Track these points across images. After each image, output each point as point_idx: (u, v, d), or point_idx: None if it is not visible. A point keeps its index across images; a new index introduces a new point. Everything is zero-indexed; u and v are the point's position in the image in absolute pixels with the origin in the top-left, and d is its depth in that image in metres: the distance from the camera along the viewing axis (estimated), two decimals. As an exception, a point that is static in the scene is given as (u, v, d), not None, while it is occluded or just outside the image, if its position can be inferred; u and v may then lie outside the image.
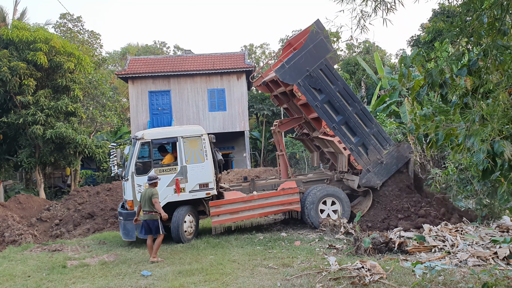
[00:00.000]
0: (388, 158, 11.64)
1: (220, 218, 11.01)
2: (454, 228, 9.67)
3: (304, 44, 11.26)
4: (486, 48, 5.77)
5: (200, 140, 11.10)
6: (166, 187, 10.67)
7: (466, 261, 7.61)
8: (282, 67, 11.16)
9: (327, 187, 11.69)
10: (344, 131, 11.53)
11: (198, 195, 11.01)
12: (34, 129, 17.92)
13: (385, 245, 8.70)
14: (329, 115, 11.46)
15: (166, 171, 10.77)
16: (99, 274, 8.38)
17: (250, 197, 11.31)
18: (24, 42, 18.36)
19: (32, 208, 15.02)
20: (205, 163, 11.05)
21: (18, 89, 18.14)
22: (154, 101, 26.10)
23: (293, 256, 8.74)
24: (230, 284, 7.21)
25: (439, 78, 5.70)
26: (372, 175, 11.49)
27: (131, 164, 10.62)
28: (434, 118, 6.79)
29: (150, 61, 27.15)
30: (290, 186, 11.54)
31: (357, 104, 11.83)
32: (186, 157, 10.92)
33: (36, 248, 11.19)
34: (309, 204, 11.26)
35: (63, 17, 27.07)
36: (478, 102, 5.86)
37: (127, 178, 10.61)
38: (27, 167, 19.59)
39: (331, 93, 11.51)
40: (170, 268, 8.45)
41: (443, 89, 5.91)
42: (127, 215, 10.47)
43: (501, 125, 5.61)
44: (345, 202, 11.51)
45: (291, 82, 11.22)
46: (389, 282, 6.65)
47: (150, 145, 10.85)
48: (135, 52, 47.56)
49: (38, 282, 8.07)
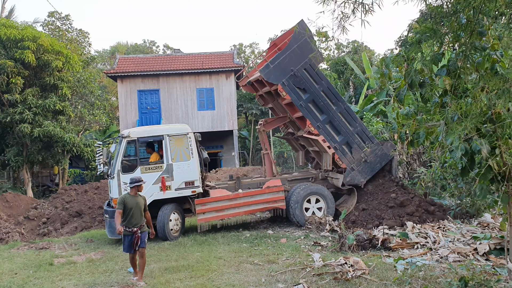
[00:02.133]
0: (372, 156, 11.82)
1: (206, 216, 11.08)
2: (436, 225, 9.86)
3: (288, 44, 11.38)
4: (464, 49, 5.93)
5: (186, 138, 11.20)
6: (152, 185, 10.74)
7: (447, 257, 7.78)
8: (267, 67, 11.27)
9: (311, 185, 11.81)
10: (329, 130, 11.68)
11: (184, 193, 11.10)
12: (21, 127, 17.86)
13: (369, 242, 8.86)
14: (314, 114, 11.60)
15: (152, 169, 10.84)
16: (86, 271, 8.44)
17: (235, 195, 11.40)
18: (11, 40, 18.26)
19: (19, 206, 14.97)
20: (191, 161, 11.13)
21: (5, 87, 18.07)
22: (143, 100, 26.10)
23: (278, 253, 8.87)
24: (215, 280, 7.31)
25: (418, 78, 5.85)
26: (356, 173, 11.65)
27: (117, 162, 10.67)
28: (416, 117, 6.96)
29: (139, 60, 27.12)
30: (275, 184, 11.66)
31: (341, 104, 11.98)
32: (172, 155, 10.99)
33: (23, 246, 11.20)
34: (294, 202, 11.38)
35: (51, 16, 26.92)
36: (456, 101, 6.01)
37: (113, 176, 10.65)
38: (14, 166, 19.51)
39: (315, 93, 11.65)
40: (156, 265, 8.53)
41: (422, 88, 6.07)
42: (113, 213, 10.40)
43: (478, 124, 5.78)
44: (329, 199, 11.65)
45: (276, 81, 11.33)
46: (371, 277, 6.79)
47: (136, 143, 10.90)
48: (124, 51, 47.39)
49: (25, 279, 8.11)
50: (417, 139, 7.07)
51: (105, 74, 26.80)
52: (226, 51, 27.90)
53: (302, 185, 11.79)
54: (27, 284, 7.77)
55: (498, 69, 5.79)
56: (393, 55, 5.60)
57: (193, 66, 25.96)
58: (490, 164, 5.80)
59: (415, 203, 11.15)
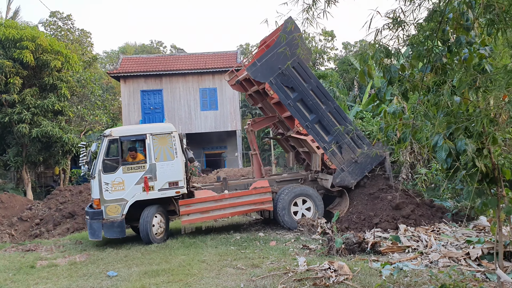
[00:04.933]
0: (362, 157, 11.46)
1: (190, 218, 10.75)
2: (430, 228, 9.49)
3: (276, 42, 11.05)
4: (450, 44, 5.60)
5: (170, 137, 10.83)
6: (135, 185, 10.42)
7: (437, 262, 7.42)
8: (254, 65, 10.95)
9: (298, 186, 11.48)
10: (318, 130, 11.35)
11: (168, 194, 10.73)
12: (20, 127, 17.84)
13: (358, 246, 8.51)
14: (302, 114, 11.27)
15: (134, 169, 10.51)
16: (65, 274, 8.20)
17: (221, 196, 11.08)
18: (10, 40, 18.24)
19: (14, 207, 14.88)
20: (175, 161, 10.77)
21: (3, 88, 18.03)
22: (146, 100, 26.02)
23: (264, 257, 8.55)
24: (192, 285, 7.03)
25: (396, 74, 5.52)
26: (346, 174, 11.31)
27: (98, 161, 10.38)
28: (403, 116, 6.63)
29: (142, 60, 27.05)
30: (262, 185, 11.32)
31: (330, 103, 11.64)
32: (155, 155, 10.64)
33: (10, 248, 11.04)
34: (281, 208, 11.06)
35: (53, 15, 26.94)
36: (443, 99, 5.69)
37: (94, 176, 10.37)
38: (14, 166, 19.49)
39: (304, 91, 11.32)
40: (137, 268, 8.27)
41: (402, 85, 5.74)
42: (94, 214, 10.25)
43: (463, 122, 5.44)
44: (316, 199, 11.34)
45: (263, 80, 11.00)
46: (353, 283, 6.46)
47: (118, 142, 10.55)
48: (132, 52, 47.53)
49: (1, 282, 7.89)
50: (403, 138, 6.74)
51: (108, 74, 26.73)
52: (230, 51, 27.67)
53: (290, 186, 11.47)
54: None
55: (485, 66, 5.47)
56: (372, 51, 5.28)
57: (196, 66, 25.80)
58: (477, 164, 5.46)
59: (411, 205, 10.76)
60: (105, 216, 10.20)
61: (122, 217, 10.26)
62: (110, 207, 10.22)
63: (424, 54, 5.68)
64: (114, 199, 10.25)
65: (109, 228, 10.20)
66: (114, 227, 10.20)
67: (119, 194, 10.28)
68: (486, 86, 5.29)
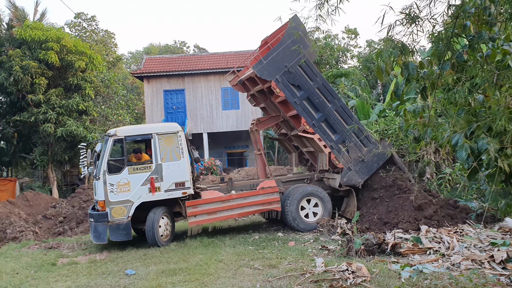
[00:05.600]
0: (369, 156, 11.29)
1: (197, 219, 10.47)
2: (453, 229, 9.24)
3: (281, 40, 10.90)
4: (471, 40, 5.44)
5: (176, 137, 10.56)
6: (140, 186, 10.15)
7: (459, 264, 7.21)
8: (260, 63, 10.78)
9: (306, 186, 11.31)
10: (324, 129, 11.19)
11: (174, 195, 10.46)
12: (45, 127, 18.20)
13: (378, 247, 8.34)
14: (309, 112, 11.11)
15: (140, 170, 10.24)
16: (84, 272, 8.30)
17: (228, 196, 10.81)
18: (36, 42, 18.64)
19: (39, 205, 15.17)
20: (181, 161, 10.51)
21: (29, 88, 18.42)
22: (169, 100, 26.20)
23: (282, 257, 8.47)
24: (208, 284, 7.01)
25: (414, 72, 5.39)
26: (354, 174, 11.13)
27: (103, 162, 10.06)
28: (423, 114, 6.46)
29: (165, 60, 27.26)
30: (270, 185, 11.09)
31: (336, 101, 11.48)
32: (161, 155, 10.38)
33: (34, 246, 11.24)
34: (289, 204, 10.87)
35: (78, 17, 27.41)
36: (463, 97, 5.52)
37: (99, 177, 10.06)
38: (40, 165, 19.91)
39: (310, 90, 11.16)
40: (155, 267, 8.31)
41: (421, 83, 5.60)
42: (98, 217, 9.96)
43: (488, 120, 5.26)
44: (325, 200, 11.17)
45: (269, 78, 10.83)
46: (371, 285, 6.33)
47: (123, 142, 10.27)
48: (156, 52, 47.94)
49: (22, 279, 8.04)
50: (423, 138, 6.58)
51: (131, 74, 27.03)
52: (251, 50, 27.63)
53: (294, 189, 11.21)
54: (23, 285, 7.69)
55: (509, 62, 5.28)
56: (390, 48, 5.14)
57: (218, 65, 25.84)
58: (500, 164, 5.27)
59: (434, 206, 10.51)
60: (110, 218, 9.93)
61: (128, 219, 10.01)
62: (116, 209, 9.96)
63: (444, 51, 5.51)
64: (120, 201, 10.00)
65: (115, 231, 9.94)
66: (120, 229, 9.94)
67: (124, 195, 10.02)
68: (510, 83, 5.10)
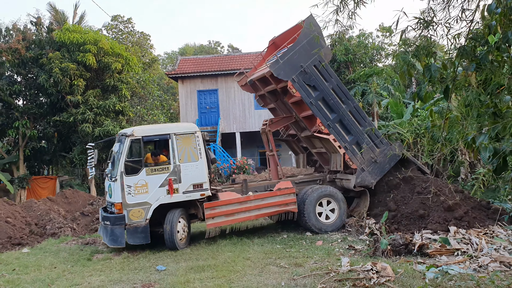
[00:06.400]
0: (381, 157, 11.32)
1: (215, 221, 10.29)
2: (483, 231, 9.11)
3: (297, 40, 10.90)
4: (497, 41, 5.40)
5: (194, 137, 10.40)
6: (158, 187, 9.92)
7: (486, 266, 7.15)
8: (277, 62, 10.77)
9: (322, 187, 11.27)
10: (339, 129, 11.22)
11: (193, 196, 10.26)
12: (83, 127, 18.86)
13: (405, 247, 8.34)
14: (324, 113, 11.13)
15: (158, 171, 10.02)
16: (117, 267, 8.64)
17: (246, 197, 10.69)
18: (74, 44, 19.32)
19: (77, 202, 15.75)
20: (199, 162, 10.34)
21: (68, 89, 19.14)
22: (203, 100, 26.60)
23: (308, 256, 8.59)
24: (235, 281, 7.21)
25: (436, 74, 5.39)
26: (367, 174, 11.13)
27: (120, 163, 9.78)
28: (449, 115, 6.45)
29: (199, 61, 27.70)
30: (286, 186, 11.05)
31: (350, 102, 11.50)
32: (179, 156, 10.19)
33: (71, 241, 11.73)
34: (307, 205, 10.83)
35: (115, 19, 28.22)
36: (489, 98, 5.52)
37: (116, 178, 9.79)
38: (79, 164, 20.64)
39: (325, 90, 11.19)
40: (185, 263, 8.59)
41: (443, 85, 5.60)
42: (116, 219, 9.70)
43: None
44: (341, 201, 11.15)
45: (286, 78, 10.81)
46: (394, 285, 6.37)
47: (140, 142, 9.99)
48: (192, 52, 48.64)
49: (60, 273, 8.45)
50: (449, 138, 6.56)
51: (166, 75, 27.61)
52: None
53: (310, 189, 11.17)
54: (60, 278, 8.09)
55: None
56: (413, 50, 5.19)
57: (250, 65, 26.02)
58: (526, 166, 5.25)
59: (465, 207, 10.37)
60: (128, 221, 9.68)
61: (146, 221, 9.77)
62: (133, 211, 9.72)
63: (469, 52, 5.50)
64: (138, 203, 9.77)
65: (133, 234, 9.70)
66: (138, 232, 9.71)
67: (142, 197, 9.80)
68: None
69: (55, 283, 7.78)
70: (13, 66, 20.03)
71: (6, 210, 12.74)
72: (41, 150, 22.06)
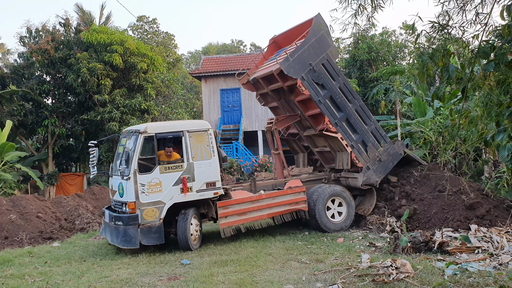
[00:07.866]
0: (385, 155, 11.47)
1: (228, 220, 10.10)
2: (504, 229, 9.13)
3: (306, 38, 10.99)
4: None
5: (207, 135, 10.23)
6: (172, 186, 9.69)
7: (507, 264, 7.22)
8: (287, 60, 10.78)
9: (331, 186, 11.32)
10: (346, 128, 11.34)
11: (206, 195, 10.08)
12: (110, 125, 19.36)
13: (425, 245, 8.45)
14: (331, 111, 11.24)
15: (172, 169, 9.78)
16: (144, 261, 8.97)
17: (258, 196, 10.57)
18: (101, 45, 19.85)
19: (104, 199, 16.23)
20: (212, 160, 10.17)
21: (96, 89, 19.68)
22: (225, 99, 26.92)
23: (329, 253, 8.77)
24: (257, 275, 7.43)
25: (453, 74, 5.50)
26: (372, 173, 11.26)
27: (133, 161, 9.47)
28: (469, 114, 6.54)
29: (222, 60, 28.01)
30: (297, 185, 11.06)
31: (356, 101, 11.63)
32: (193, 154, 9.98)
33: (99, 236, 12.13)
34: (318, 204, 10.87)
35: (140, 20, 28.75)
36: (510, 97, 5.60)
37: (129, 176, 9.47)
38: (106, 161, 21.20)
39: (333, 89, 11.30)
40: (209, 258, 8.86)
41: (461, 84, 5.69)
42: (129, 219, 9.39)
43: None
44: (349, 200, 11.24)
45: (296, 75, 10.83)
46: (413, 281, 6.50)
47: (154, 139, 9.72)
48: (215, 51, 49.04)
49: (89, 266, 8.82)
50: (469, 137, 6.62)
51: (190, 74, 28.02)
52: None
53: (319, 189, 11.22)
54: (89, 271, 8.44)
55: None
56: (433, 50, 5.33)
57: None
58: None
59: (487, 205, 10.38)
60: (141, 221, 9.39)
61: (160, 221, 9.51)
62: (147, 211, 9.43)
63: (488, 52, 5.59)
64: (151, 202, 9.49)
65: (147, 234, 9.43)
66: (152, 232, 9.45)
67: (156, 196, 9.53)
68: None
69: (85, 275, 8.12)
70: (43, 66, 20.71)
71: (37, 205, 13.26)
72: (69, 147, 22.72)
